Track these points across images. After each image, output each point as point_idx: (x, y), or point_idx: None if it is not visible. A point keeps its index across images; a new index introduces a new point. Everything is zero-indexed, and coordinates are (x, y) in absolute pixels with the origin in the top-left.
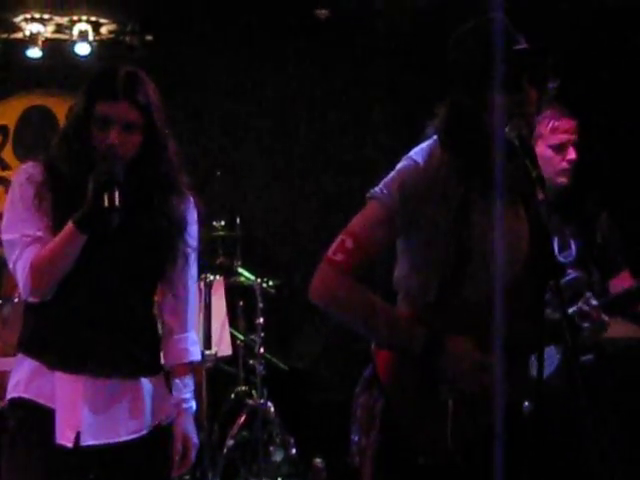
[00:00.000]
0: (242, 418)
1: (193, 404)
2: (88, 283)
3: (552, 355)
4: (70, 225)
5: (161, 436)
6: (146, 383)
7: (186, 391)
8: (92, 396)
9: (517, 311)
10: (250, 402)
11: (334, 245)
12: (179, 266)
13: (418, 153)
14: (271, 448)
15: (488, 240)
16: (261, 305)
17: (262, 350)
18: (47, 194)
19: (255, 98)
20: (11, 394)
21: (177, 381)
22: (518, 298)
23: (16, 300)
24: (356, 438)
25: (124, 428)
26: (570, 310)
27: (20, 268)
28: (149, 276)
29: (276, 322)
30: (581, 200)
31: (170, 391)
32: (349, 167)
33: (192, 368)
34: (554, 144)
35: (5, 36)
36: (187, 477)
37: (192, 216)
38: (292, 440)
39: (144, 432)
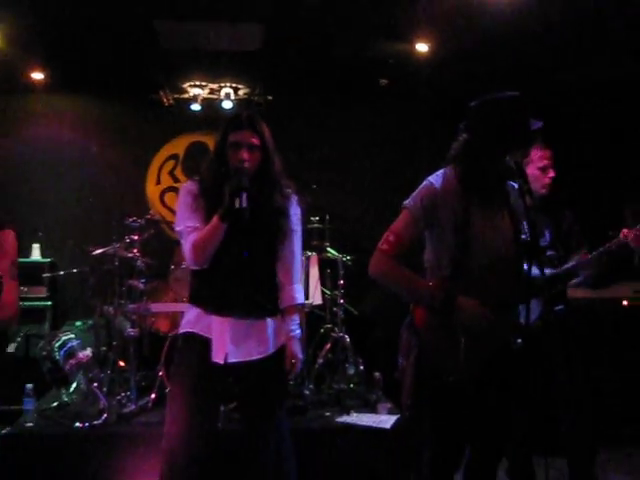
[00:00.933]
0: (328, 345)
1: (299, 332)
2: (230, 255)
3: (535, 306)
4: (215, 218)
5: (278, 355)
6: (269, 321)
7: (294, 324)
8: (235, 330)
9: (506, 277)
10: (333, 335)
11: (382, 238)
12: (286, 240)
13: (434, 177)
14: (346, 365)
15: (483, 233)
16: (342, 272)
17: (342, 301)
18: (200, 201)
19: (338, 141)
20: (184, 329)
21: (288, 318)
22: (507, 269)
23: (183, 266)
24: (400, 361)
25: (255, 351)
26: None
27: (186, 248)
28: (268, 248)
29: (351, 283)
30: (553, 202)
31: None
32: (399, 189)
33: (298, 309)
34: (540, 166)
35: (177, 95)
36: (291, 383)
37: (294, 209)
38: (360, 360)
39: (268, 353)
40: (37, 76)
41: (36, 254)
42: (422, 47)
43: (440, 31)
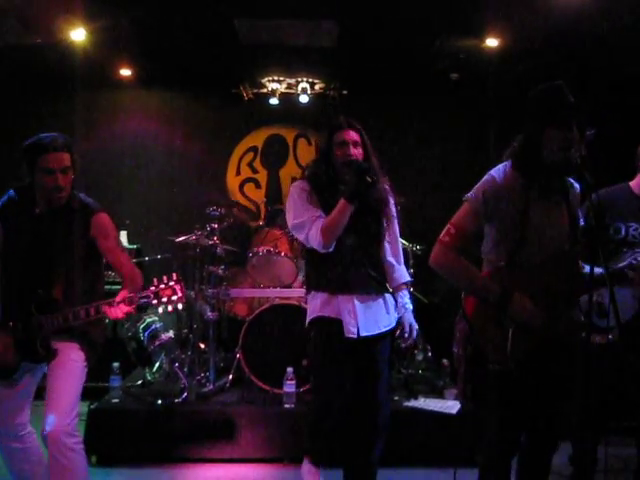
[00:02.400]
0: (397, 332)
1: (410, 305)
2: (348, 240)
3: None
4: (342, 200)
5: (397, 326)
6: (387, 297)
7: (405, 299)
8: (361, 307)
9: (562, 272)
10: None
11: (444, 231)
12: (391, 225)
13: (496, 170)
14: (415, 352)
15: (541, 227)
16: (412, 261)
17: (411, 289)
18: (313, 196)
19: (410, 134)
20: (311, 315)
21: (400, 294)
22: (562, 264)
23: (260, 254)
24: (455, 349)
25: (381, 324)
26: (622, 264)
27: (313, 235)
28: (377, 233)
29: (420, 272)
30: None
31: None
32: (469, 181)
33: (407, 285)
34: None
35: (256, 90)
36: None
37: (390, 198)
38: (429, 347)
39: (392, 326)
40: (125, 73)
41: (123, 241)
42: (492, 42)
43: (510, 26)
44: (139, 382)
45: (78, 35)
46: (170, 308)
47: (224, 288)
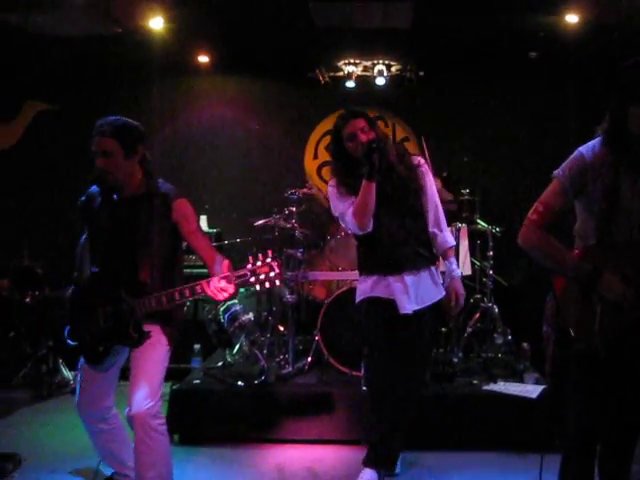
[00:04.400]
0: (477, 315)
1: (459, 272)
2: (387, 222)
3: None
4: (364, 182)
5: (445, 296)
6: (433, 269)
7: (453, 265)
8: (411, 284)
9: None
10: (482, 305)
11: (532, 209)
12: (424, 195)
13: (585, 147)
14: (495, 335)
15: (631, 205)
16: (491, 243)
17: (491, 272)
18: (342, 188)
19: (488, 114)
20: (360, 297)
21: (446, 261)
22: None
23: (338, 237)
24: (545, 328)
25: (431, 296)
26: None
27: (348, 220)
28: (413, 207)
29: (500, 254)
30: None
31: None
32: (548, 161)
33: (453, 250)
34: None
35: (332, 74)
36: (442, 350)
37: (419, 170)
38: (509, 330)
39: (442, 295)
40: (203, 59)
41: (203, 225)
42: (572, 18)
43: (590, 1)
44: (219, 364)
45: (156, 23)
46: (268, 285)
47: (303, 271)
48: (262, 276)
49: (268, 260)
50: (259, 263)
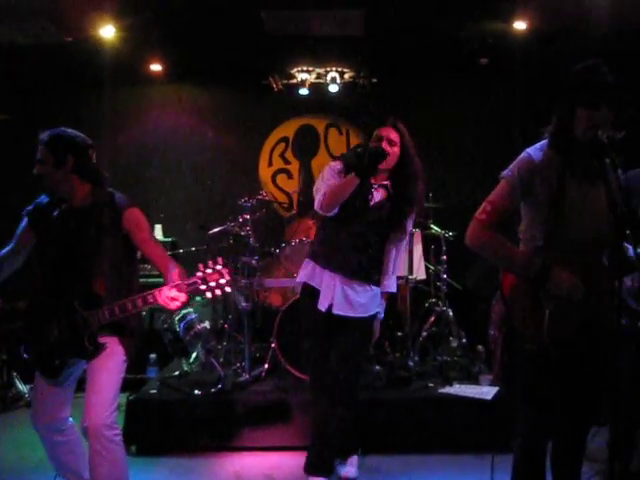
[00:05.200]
0: (432, 319)
1: (382, 315)
2: (356, 227)
3: None
4: (353, 174)
5: (370, 320)
6: (374, 288)
7: (381, 308)
8: (342, 287)
9: (600, 253)
10: (437, 308)
11: (480, 209)
12: (400, 233)
13: (532, 149)
14: (450, 338)
15: (578, 207)
16: (444, 248)
17: (445, 276)
18: (342, 173)
19: (440, 120)
20: (301, 279)
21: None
22: (600, 244)
23: (293, 244)
24: (491, 332)
25: (357, 310)
26: None
27: (319, 197)
28: (386, 232)
29: (453, 258)
30: None
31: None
32: (499, 165)
33: (388, 297)
34: None
35: (286, 81)
36: (398, 354)
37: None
38: (463, 333)
39: (368, 314)
40: (155, 68)
41: (158, 234)
42: (520, 25)
43: (538, 9)
44: (176, 373)
45: (107, 32)
46: (219, 292)
47: (258, 278)
48: (212, 283)
49: (218, 267)
50: (209, 270)
